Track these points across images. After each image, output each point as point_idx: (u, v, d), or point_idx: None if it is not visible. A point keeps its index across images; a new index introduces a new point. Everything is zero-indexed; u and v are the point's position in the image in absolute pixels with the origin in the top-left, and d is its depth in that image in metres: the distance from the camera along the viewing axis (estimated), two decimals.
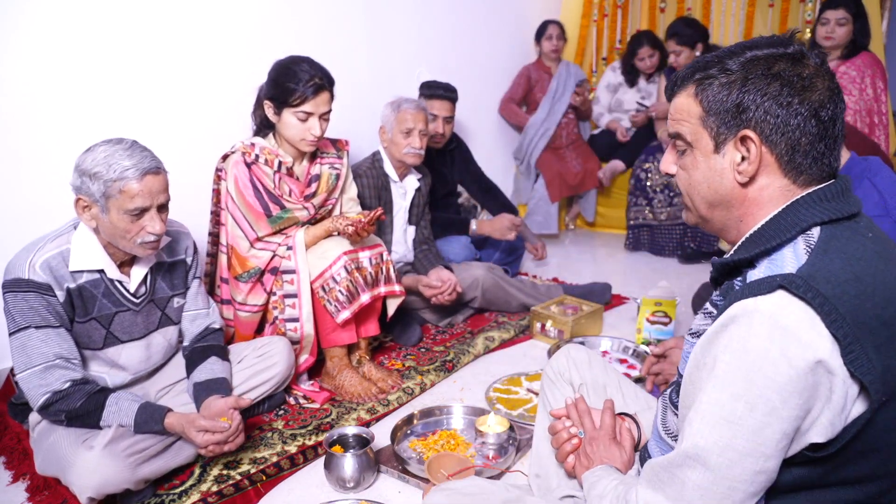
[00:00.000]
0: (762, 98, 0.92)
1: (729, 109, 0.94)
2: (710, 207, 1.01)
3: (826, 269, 0.84)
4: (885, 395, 0.83)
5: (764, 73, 0.92)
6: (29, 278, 1.61)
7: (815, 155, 0.93)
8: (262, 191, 2.20)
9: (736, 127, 0.94)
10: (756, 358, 0.82)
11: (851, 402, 0.83)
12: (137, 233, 1.65)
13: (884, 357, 0.82)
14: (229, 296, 2.29)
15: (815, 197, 0.92)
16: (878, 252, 0.89)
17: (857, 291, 0.83)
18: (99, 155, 1.60)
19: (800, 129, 0.91)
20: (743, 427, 0.83)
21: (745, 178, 0.95)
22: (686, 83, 1.00)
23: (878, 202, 1.66)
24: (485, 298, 2.93)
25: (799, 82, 0.91)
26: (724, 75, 0.94)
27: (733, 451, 0.84)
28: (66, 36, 2.25)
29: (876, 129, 3.24)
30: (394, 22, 3.44)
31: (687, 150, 1.01)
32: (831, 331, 0.81)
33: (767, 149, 0.93)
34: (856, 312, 0.82)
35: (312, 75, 2.16)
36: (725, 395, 0.84)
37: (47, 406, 1.61)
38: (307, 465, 1.92)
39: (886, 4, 4.08)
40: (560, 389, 1.47)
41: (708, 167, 0.98)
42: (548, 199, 4.14)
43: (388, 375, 2.35)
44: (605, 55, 4.78)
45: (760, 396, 0.82)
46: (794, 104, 0.91)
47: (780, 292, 0.83)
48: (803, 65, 0.92)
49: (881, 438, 0.86)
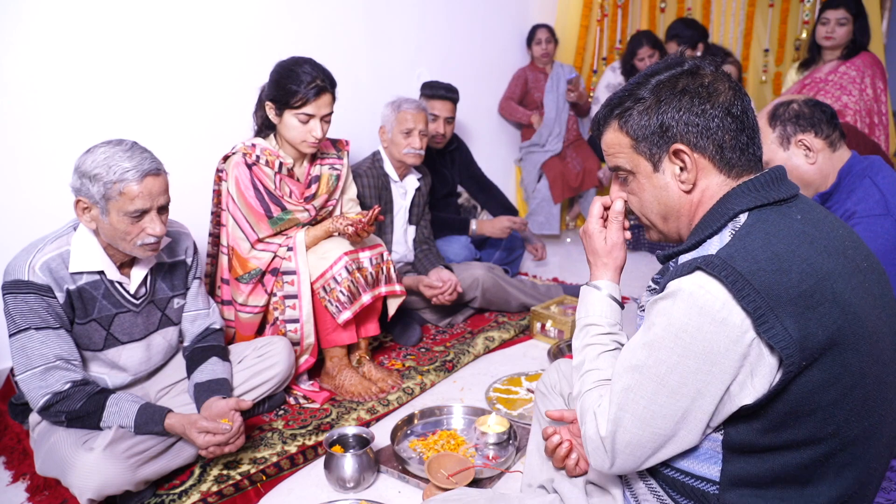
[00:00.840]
0: (679, 113, 1.03)
1: (654, 131, 1.05)
2: (664, 220, 1.12)
3: (745, 248, 0.93)
4: (804, 360, 0.89)
5: (672, 93, 1.04)
6: (29, 280, 1.61)
7: (740, 147, 1.04)
8: (262, 192, 2.20)
9: (666, 144, 1.05)
10: (678, 331, 0.93)
11: (774, 369, 0.91)
12: (137, 234, 1.65)
13: (801, 326, 0.89)
14: (230, 297, 2.29)
15: (745, 187, 1.02)
16: (804, 231, 0.96)
17: (774, 267, 0.90)
18: (99, 156, 1.59)
19: (720, 128, 1.03)
20: (665, 386, 0.95)
21: (689, 186, 1.06)
22: (608, 120, 1.11)
23: (880, 201, 1.66)
24: (485, 298, 2.93)
25: (704, 91, 1.03)
26: (639, 104, 1.06)
27: (655, 405, 0.96)
28: (65, 36, 2.25)
29: (876, 129, 3.24)
30: (394, 22, 3.44)
31: (629, 178, 1.12)
32: (742, 305, 0.89)
33: (699, 154, 1.04)
34: (772, 286, 0.89)
35: (314, 77, 2.15)
36: (652, 357, 0.96)
37: (48, 407, 1.61)
38: (307, 465, 1.92)
39: (886, 4, 4.08)
40: (552, 402, 1.52)
41: (653, 186, 1.09)
42: (550, 199, 4.15)
43: (388, 375, 2.35)
44: (605, 55, 4.78)
45: (678, 363, 0.93)
46: (708, 109, 1.02)
47: (698, 273, 0.93)
48: (701, 75, 1.05)
49: (812, 401, 0.92)
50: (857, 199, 1.69)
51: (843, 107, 3.20)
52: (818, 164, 1.75)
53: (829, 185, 1.75)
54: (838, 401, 0.92)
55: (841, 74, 3.23)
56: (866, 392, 0.94)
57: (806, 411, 0.92)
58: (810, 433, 0.93)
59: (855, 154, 1.77)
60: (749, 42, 4.33)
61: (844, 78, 3.22)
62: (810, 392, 0.91)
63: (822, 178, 1.76)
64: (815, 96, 3.22)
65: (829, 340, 0.90)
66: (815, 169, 1.75)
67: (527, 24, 4.35)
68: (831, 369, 0.91)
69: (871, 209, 1.65)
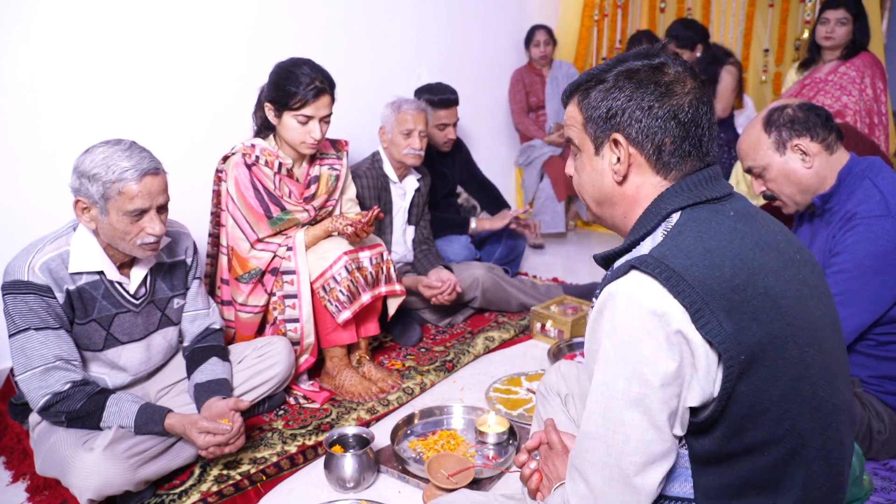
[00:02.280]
0: (627, 103, 1.02)
1: (602, 115, 1.04)
2: (598, 205, 1.12)
3: (678, 245, 0.93)
4: (743, 354, 0.89)
5: (628, 82, 1.02)
6: (28, 280, 1.61)
7: (681, 154, 1.02)
8: (262, 192, 2.20)
9: (608, 130, 1.04)
10: (624, 336, 0.90)
11: (714, 366, 0.90)
12: (137, 234, 1.65)
13: (735, 320, 0.88)
14: (230, 297, 2.29)
15: (678, 188, 1.02)
16: (736, 228, 0.97)
17: (707, 263, 0.90)
18: (97, 156, 1.59)
19: (662, 130, 1.01)
20: (626, 400, 0.90)
21: (620, 178, 1.05)
22: (574, 93, 1.10)
23: (880, 202, 1.66)
24: (485, 298, 2.93)
25: (657, 89, 1.01)
26: (600, 85, 1.05)
27: (622, 425, 0.91)
28: (65, 36, 2.25)
29: (876, 130, 3.24)
30: (394, 22, 3.44)
31: (577, 154, 1.12)
32: (679, 300, 0.88)
33: (636, 150, 1.03)
34: (706, 281, 0.89)
35: (313, 78, 2.15)
36: (609, 374, 0.92)
37: (48, 407, 1.61)
38: (307, 465, 1.92)
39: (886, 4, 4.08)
40: (550, 402, 1.53)
41: (592, 168, 1.09)
42: (555, 198, 4.15)
43: (388, 375, 2.35)
44: (605, 55, 4.78)
45: (634, 371, 0.90)
46: (655, 108, 1.00)
47: (633, 272, 0.92)
48: (663, 73, 1.02)
49: (762, 399, 0.91)
50: (857, 200, 1.69)
51: (843, 107, 3.20)
52: (815, 168, 1.75)
53: (828, 188, 1.76)
54: (787, 395, 0.92)
55: (841, 75, 3.23)
56: (813, 383, 0.94)
57: (759, 411, 0.92)
58: (768, 432, 0.93)
59: (854, 155, 1.77)
60: (749, 42, 4.33)
61: (844, 78, 3.22)
62: (759, 390, 0.91)
63: (820, 181, 1.76)
64: (814, 96, 3.23)
65: (765, 334, 0.90)
66: (812, 172, 1.75)
67: (526, 25, 4.34)
68: (774, 364, 0.91)
69: (871, 210, 1.66)
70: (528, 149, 4.29)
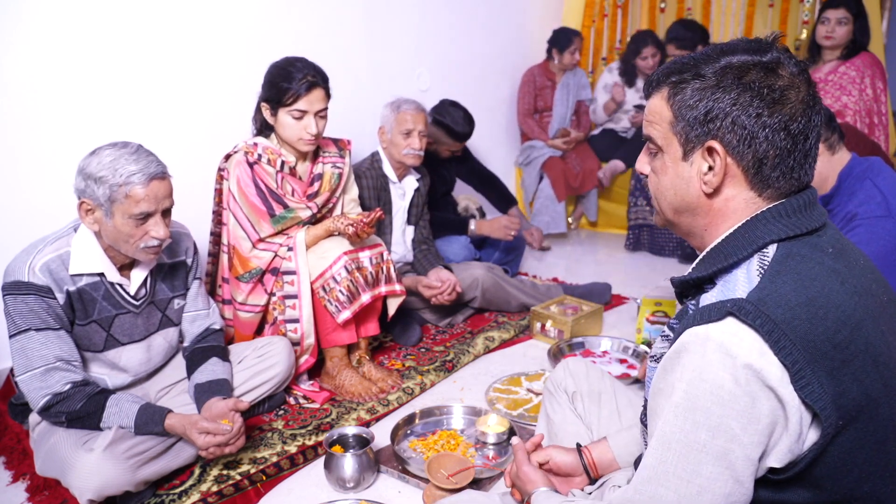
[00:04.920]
0: (731, 108, 0.89)
1: (698, 117, 0.92)
2: (676, 213, 1.00)
3: (778, 292, 0.83)
4: (841, 419, 0.82)
5: (735, 83, 0.89)
6: (29, 281, 1.61)
7: (783, 169, 0.91)
8: (264, 190, 2.20)
9: (704, 136, 0.92)
10: (713, 387, 0.82)
11: (807, 427, 0.83)
12: (141, 237, 1.65)
13: (836, 382, 0.82)
14: (230, 296, 2.29)
15: (775, 212, 0.91)
16: (835, 270, 0.87)
17: (809, 315, 0.82)
18: (105, 159, 1.59)
19: (768, 141, 0.89)
20: (708, 453, 0.83)
21: (710, 189, 0.94)
22: (661, 85, 0.97)
23: (881, 203, 1.66)
24: (485, 298, 2.93)
25: (770, 94, 0.88)
26: (697, 81, 0.92)
27: (698, 476, 0.84)
28: (66, 36, 2.25)
29: (875, 130, 3.24)
30: (394, 22, 3.44)
31: (658, 154, 1.00)
32: (780, 358, 0.80)
33: (734, 160, 0.91)
34: (807, 337, 0.81)
35: (305, 73, 2.16)
36: (689, 424, 0.84)
37: (48, 408, 1.61)
38: (307, 465, 1.92)
39: (886, 4, 4.08)
40: (557, 399, 1.51)
41: (676, 173, 0.97)
42: (554, 198, 4.15)
43: (388, 375, 2.35)
44: (605, 55, 4.78)
45: (720, 425, 0.82)
46: (764, 116, 0.88)
47: (730, 319, 0.83)
48: (777, 75, 0.89)
49: (847, 462, 0.85)
50: (858, 201, 1.69)
51: (843, 107, 3.20)
52: (817, 168, 1.75)
53: (830, 188, 1.76)
54: (872, 458, 0.86)
55: (841, 74, 3.23)
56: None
57: (842, 472, 0.86)
58: (846, 493, 0.87)
59: (855, 156, 1.77)
60: None
61: (844, 78, 3.22)
62: (847, 451, 0.85)
63: (822, 181, 1.76)
64: None
65: (864, 396, 0.83)
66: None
67: (528, 25, 4.34)
68: (865, 426, 0.85)
69: (872, 211, 1.66)
70: (528, 149, 4.29)
